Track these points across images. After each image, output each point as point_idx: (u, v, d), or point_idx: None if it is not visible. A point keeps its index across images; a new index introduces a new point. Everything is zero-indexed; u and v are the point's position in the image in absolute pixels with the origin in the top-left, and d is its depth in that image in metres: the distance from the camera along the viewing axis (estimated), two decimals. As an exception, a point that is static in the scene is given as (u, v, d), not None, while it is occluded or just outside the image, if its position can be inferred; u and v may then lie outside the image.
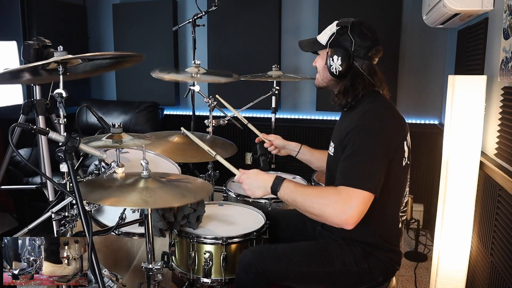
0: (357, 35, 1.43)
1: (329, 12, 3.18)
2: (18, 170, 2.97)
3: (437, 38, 3.08)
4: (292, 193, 1.36)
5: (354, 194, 1.25)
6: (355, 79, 1.45)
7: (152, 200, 1.31)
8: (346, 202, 1.24)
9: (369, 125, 1.35)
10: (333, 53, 1.45)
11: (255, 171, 1.48)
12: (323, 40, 1.50)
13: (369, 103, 1.44)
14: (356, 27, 1.44)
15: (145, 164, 1.41)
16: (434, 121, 3.19)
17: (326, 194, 1.31)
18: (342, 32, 1.45)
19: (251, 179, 1.45)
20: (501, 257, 1.64)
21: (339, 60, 1.43)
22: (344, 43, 1.44)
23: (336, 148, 1.47)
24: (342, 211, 1.24)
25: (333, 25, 1.49)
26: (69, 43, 2.51)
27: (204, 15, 2.89)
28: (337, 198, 1.26)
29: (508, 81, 1.68)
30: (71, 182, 1.20)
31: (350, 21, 1.46)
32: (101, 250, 1.86)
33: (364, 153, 1.31)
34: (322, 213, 1.29)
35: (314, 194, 1.34)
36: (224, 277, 1.56)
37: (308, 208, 1.33)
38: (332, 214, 1.27)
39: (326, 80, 1.53)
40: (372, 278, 1.46)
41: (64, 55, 1.44)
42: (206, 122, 2.36)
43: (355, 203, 1.24)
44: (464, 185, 1.84)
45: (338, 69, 1.44)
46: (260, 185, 1.43)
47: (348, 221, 1.24)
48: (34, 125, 1.30)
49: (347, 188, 1.26)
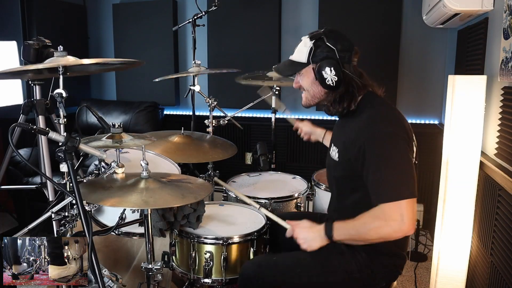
0: (335, 42, 1.41)
1: (329, 12, 3.18)
2: (18, 170, 2.97)
3: (437, 38, 3.08)
4: (346, 231, 1.38)
5: (398, 206, 1.27)
6: (349, 85, 1.43)
7: (152, 201, 1.31)
8: (395, 217, 1.27)
9: (382, 132, 1.34)
10: (322, 66, 1.40)
11: (305, 224, 1.49)
12: (303, 58, 1.45)
13: (371, 108, 1.42)
14: (330, 35, 1.42)
15: (145, 164, 1.41)
16: (434, 121, 3.19)
17: (374, 219, 1.31)
18: (319, 44, 1.42)
19: (305, 233, 1.47)
20: (501, 257, 1.64)
21: (332, 70, 1.40)
22: (327, 53, 1.41)
23: (342, 154, 1.45)
24: (396, 227, 1.27)
25: (306, 40, 1.46)
26: (69, 43, 2.51)
27: (204, 15, 2.88)
28: (386, 217, 1.28)
29: (508, 81, 1.68)
30: (71, 182, 1.20)
31: (321, 32, 1.44)
32: (101, 250, 1.86)
33: (389, 162, 1.31)
34: (380, 237, 1.32)
35: (364, 222, 1.34)
36: (225, 277, 1.56)
37: (367, 238, 1.35)
38: (389, 233, 1.30)
39: (318, 95, 1.49)
40: (374, 283, 1.45)
41: (64, 55, 1.44)
42: (206, 122, 2.36)
43: (403, 214, 1.26)
44: (464, 185, 1.84)
45: (333, 79, 1.40)
46: (315, 236, 1.44)
47: (406, 231, 1.28)
48: (34, 125, 1.30)
49: (389, 205, 1.27)
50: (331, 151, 1.54)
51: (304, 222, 1.50)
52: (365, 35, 3.07)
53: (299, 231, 1.48)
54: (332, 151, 1.52)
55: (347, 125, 1.48)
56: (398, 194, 1.27)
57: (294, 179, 2.28)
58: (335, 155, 1.49)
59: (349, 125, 1.45)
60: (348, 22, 3.13)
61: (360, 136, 1.36)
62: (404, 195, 1.27)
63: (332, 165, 1.54)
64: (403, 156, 1.33)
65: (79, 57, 1.49)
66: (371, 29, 3.09)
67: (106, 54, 3.97)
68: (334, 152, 1.50)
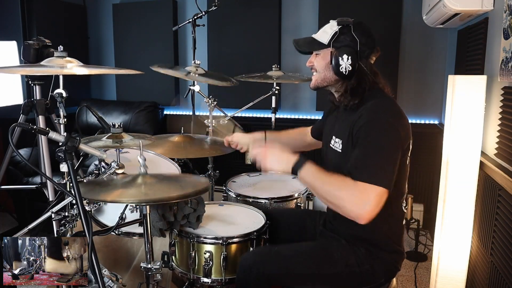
0: (361, 34, 1.42)
1: (329, 12, 3.17)
2: (18, 170, 2.97)
3: (437, 38, 3.08)
4: (312, 176, 1.35)
5: (371, 189, 1.25)
6: (362, 79, 1.43)
7: (152, 193, 1.30)
8: (363, 197, 1.24)
9: (383, 120, 1.34)
10: (341, 52, 1.40)
11: (280, 146, 1.45)
12: (325, 39, 1.45)
13: (377, 98, 1.42)
14: (358, 27, 1.43)
15: (142, 160, 1.40)
16: (434, 121, 3.19)
17: (345, 187, 1.28)
18: (345, 31, 1.42)
19: (275, 153, 1.43)
20: (501, 257, 1.64)
21: (349, 59, 1.39)
22: (349, 42, 1.41)
23: (345, 144, 1.44)
24: (359, 206, 1.25)
25: (333, 24, 1.45)
26: (69, 43, 2.51)
27: (204, 15, 2.89)
28: (355, 193, 1.26)
29: (508, 81, 1.68)
30: (71, 182, 1.20)
31: (351, 21, 1.43)
32: (101, 250, 1.86)
33: (379, 149, 1.31)
34: (338, 205, 1.29)
35: (333, 183, 1.31)
36: (224, 277, 1.56)
37: (325, 196, 1.32)
38: (348, 208, 1.27)
39: (328, 80, 1.48)
40: (374, 279, 1.46)
41: (64, 55, 1.44)
42: (206, 122, 2.36)
43: (372, 199, 1.24)
44: (464, 185, 1.84)
45: (348, 68, 1.40)
46: (283, 160, 1.41)
47: (364, 216, 1.25)
48: (34, 125, 1.30)
49: (364, 184, 1.25)
50: (332, 144, 1.52)
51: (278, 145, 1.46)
52: (365, 35, 3.07)
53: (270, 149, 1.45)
54: (335, 143, 1.50)
55: (350, 115, 1.46)
56: (378, 180, 1.25)
57: (294, 179, 2.28)
58: (338, 146, 1.47)
59: (352, 116, 1.43)
60: (348, 22, 3.13)
61: (360, 122, 1.36)
62: (381, 182, 1.25)
63: (333, 157, 1.51)
64: (393, 148, 1.32)
65: (79, 57, 1.49)
66: (371, 29, 3.08)
67: (106, 54, 3.97)
68: (337, 144, 1.48)
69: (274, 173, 2.41)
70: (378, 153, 1.30)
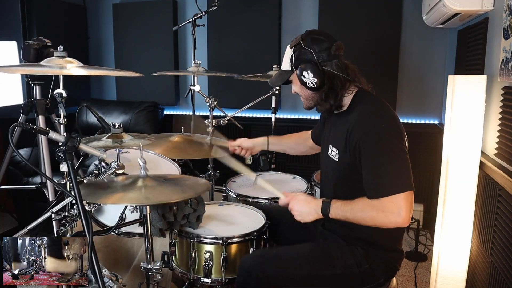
0: (312, 43, 1.45)
1: (329, 12, 3.18)
2: (18, 170, 2.97)
3: (437, 38, 3.08)
4: (342, 212, 1.40)
5: (396, 200, 1.29)
6: (332, 82, 1.46)
7: (153, 196, 1.31)
8: (393, 209, 1.29)
9: (377, 128, 1.36)
10: (301, 70, 1.45)
11: (302, 197, 1.51)
12: (288, 66, 1.51)
13: (363, 104, 1.45)
14: (306, 38, 1.46)
15: (143, 163, 1.41)
16: (434, 121, 3.19)
17: (372, 208, 1.33)
18: (298, 49, 1.47)
19: (301, 206, 1.48)
20: (501, 257, 1.64)
21: (309, 73, 1.44)
22: (305, 57, 1.45)
23: (342, 153, 1.46)
24: (393, 218, 1.30)
25: (288, 49, 1.51)
26: (69, 43, 2.51)
27: (204, 15, 2.88)
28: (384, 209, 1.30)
29: (508, 81, 1.68)
30: (71, 182, 1.20)
31: (299, 37, 1.48)
32: (101, 250, 1.86)
33: (385, 158, 1.34)
34: (375, 224, 1.35)
35: (362, 209, 1.36)
36: (225, 277, 1.56)
37: (362, 222, 1.37)
38: (384, 223, 1.32)
39: (311, 98, 1.53)
40: (373, 278, 1.46)
41: (64, 55, 1.44)
42: (206, 122, 2.36)
43: (401, 207, 1.29)
44: (464, 185, 1.84)
45: (313, 81, 1.44)
46: (311, 211, 1.46)
47: (402, 222, 1.30)
48: (34, 125, 1.30)
49: (387, 198, 1.30)
50: (330, 152, 1.54)
51: (301, 195, 1.52)
52: (365, 35, 3.07)
53: (295, 202, 1.50)
54: (332, 152, 1.52)
55: (341, 124, 1.49)
56: (395, 188, 1.29)
57: (294, 179, 2.28)
58: (335, 156, 1.50)
59: (344, 124, 1.46)
60: (348, 22, 3.13)
61: (355, 133, 1.38)
62: (402, 188, 1.29)
63: (332, 166, 1.53)
64: (398, 150, 1.35)
65: (79, 57, 1.49)
66: (371, 29, 3.09)
67: (106, 54, 3.97)
68: (334, 153, 1.51)
69: (274, 173, 2.41)
70: (387, 161, 1.33)
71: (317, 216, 1.45)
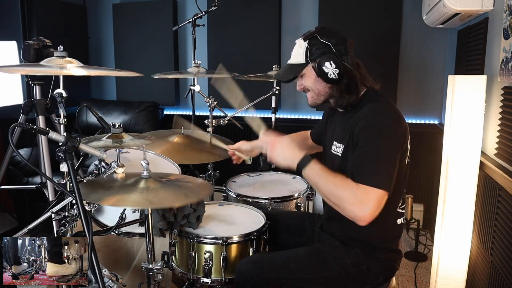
0: (329, 37, 1.42)
1: (329, 12, 3.18)
2: (18, 170, 2.97)
3: (437, 38, 3.08)
4: (316, 175, 1.36)
5: (372, 192, 1.26)
6: (351, 76, 1.44)
7: (157, 200, 1.31)
8: (364, 200, 1.26)
9: (382, 124, 1.36)
10: (321, 61, 1.41)
11: (289, 140, 1.45)
12: (301, 59, 1.46)
13: (373, 101, 1.43)
14: (323, 32, 1.43)
15: (146, 164, 1.41)
16: (434, 121, 3.19)
17: (347, 188, 1.30)
18: (314, 42, 1.43)
19: (283, 148, 1.43)
20: (501, 257, 1.64)
21: (332, 64, 1.40)
22: (324, 49, 1.42)
23: (346, 148, 1.45)
24: (359, 208, 1.26)
25: (300, 42, 1.46)
26: (69, 43, 2.51)
27: (204, 15, 2.88)
28: (356, 195, 1.27)
29: (508, 81, 1.68)
30: (71, 182, 1.20)
31: (314, 31, 1.45)
32: (101, 250, 1.86)
33: (379, 152, 1.33)
34: (339, 205, 1.31)
35: (336, 184, 1.33)
36: (224, 277, 1.56)
37: (328, 195, 1.34)
38: (349, 209, 1.29)
39: (324, 92, 1.49)
40: (372, 279, 1.46)
41: (64, 55, 1.44)
42: (206, 122, 2.36)
43: (372, 202, 1.26)
44: (464, 185, 1.84)
45: (335, 72, 1.41)
46: (290, 157, 1.41)
47: (363, 218, 1.26)
48: (34, 125, 1.30)
49: (365, 187, 1.27)
50: (334, 149, 1.52)
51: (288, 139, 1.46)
52: (365, 35, 3.07)
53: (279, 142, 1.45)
54: (336, 148, 1.51)
55: (348, 120, 1.47)
56: (376, 182, 1.27)
57: (294, 179, 2.28)
58: (340, 151, 1.48)
59: (350, 120, 1.44)
60: (348, 22, 3.13)
61: (359, 125, 1.37)
62: (383, 186, 1.27)
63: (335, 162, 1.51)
64: (393, 152, 1.34)
65: (79, 57, 1.49)
66: (371, 29, 3.09)
67: (106, 54, 3.97)
68: (338, 149, 1.49)
69: (274, 173, 2.41)
70: (378, 156, 1.32)
71: (291, 165, 1.40)
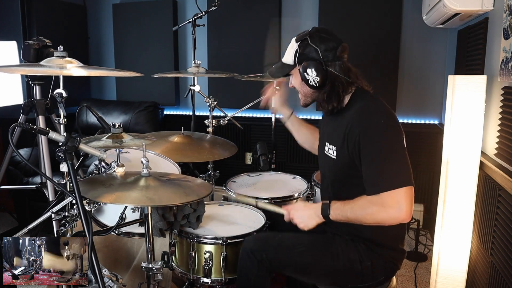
0: (319, 42, 1.43)
1: (329, 12, 3.18)
2: (18, 170, 2.97)
3: (437, 38, 3.08)
4: (342, 212, 1.39)
5: (396, 195, 1.29)
6: (334, 83, 1.45)
7: (157, 198, 1.31)
8: (393, 205, 1.29)
9: (376, 124, 1.37)
10: (305, 67, 1.44)
11: (300, 205, 1.51)
12: (290, 60, 1.50)
13: (363, 100, 1.45)
14: (314, 36, 1.45)
15: (146, 162, 1.41)
16: (434, 121, 3.19)
17: (372, 204, 1.33)
18: (304, 45, 1.45)
19: (301, 213, 1.48)
20: (501, 257, 1.64)
21: (313, 71, 1.43)
22: (311, 54, 1.44)
23: (339, 150, 1.46)
24: (394, 213, 1.30)
25: (293, 42, 1.49)
26: (69, 43, 2.51)
27: (204, 15, 2.88)
28: (383, 204, 1.30)
29: (508, 81, 1.68)
30: (71, 182, 1.20)
31: (307, 33, 1.46)
32: (101, 250, 1.86)
33: (386, 153, 1.34)
34: (377, 221, 1.34)
35: (362, 207, 1.35)
36: (224, 277, 1.56)
37: (363, 220, 1.37)
38: (386, 219, 1.32)
39: (309, 95, 1.52)
40: (373, 276, 1.46)
41: (64, 55, 1.44)
42: (206, 122, 2.36)
43: (401, 201, 1.29)
44: (464, 185, 1.84)
45: (315, 80, 1.44)
46: (312, 215, 1.46)
47: (403, 218, 1.30)
48: (34, 125, 1.30)
49: (388, 193, 1.30)
50: (327, 150, 1.54)
51: (299, 203, 1.54)
52: (365, 35, 3.06)
53: (294, 212, 1.50)
54: (329, 150, 1.52)
55: (339, 121, 1.49)
56: (396, 183, 1.30)
57: (294, 179, 2.28)
58: (333, 153, 1.50)
59: (342, 121, 1.46)
60: (348, 22, 3.13)
61: (354, 129, 1.38)
62: (401, 183, 1.30)
63: (329, 164, 1.54)
64: (398, 146, 1.35)
65: (79, 57, 1.49)
66: (371, 29, 3.09)
67: (106, 54, 3.97)
68: (331, 151, 1.51)
69: (274, 173, 2.41)
70: (387, 157, 1.34)
71: (319, 220, 1.44)
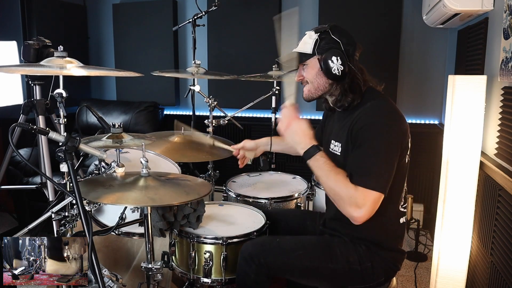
0: (340, 35, 1.43)
1: (329, 12, 3.18)
2: (18, 170, 2.97)
3: (437, 38, 3.08)
4: (319, 168, 1.39)
5: (369, 195, 1.30)
6: (354, 77, 1.45)
7: (158, 198, 1.31)
8: (360, 202, 1.30)
9: (381, 123, 1.37)
10: (328, 55, 1.41)
11: (305, 126, 1.45)
12: (308, 49, 1.46)
13: (372, 100, 1.44)
14: (335, 29, 1.45)
15: (145, 162, 1.41)
16: (434, 121, 3.19)
17: (345, 188, 1.33)
18: (325, 36, 1.44)
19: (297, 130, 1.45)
20: (501, 257, 1.64)
21: (339, 60, 1.41)
22: (333, 45, 1.43)
23: (344, 147, 1.46)
24: (355, 209, 1.31)
25: (311, 33, 1.47)
26: (69, 43, 2.51)
27: (204, 15, 2.88)
28: (354, 196, 1.31)
29: (508, 81, 1.68)
30: (71, 182, 1.20)
31: (327, 26, 1.46)
32: (101, 250, 1.86)
33: (377, 153, 1.34)
34: (336, 202, 1.36)
35: (337, 181, 1.35)
36: (224, 277, 1.56)
37: (327, 189, 1.39)
38: (346, 208, 1.33)
39: (322, 87, 1.49)
40: (374, 277, 1.46)
41: (64, 55, 1.44)
42: (206, 122, 2.37)
43: (368, 204, 1.30)
44: (464, 185, 1.84)
45: (340, 69, 1.41)
46: (298, 141, 1.44)
47: (358, 219, 1.31)
48: (34, 125, 1.30)
49: (363, 189, 1.30)
50: (332, 148, 1.53)
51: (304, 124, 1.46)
52: (365, 35, 3.07)
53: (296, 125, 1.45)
54: (334, 147, 1.51)
55: (346, 118, 1.47)
56: (375, 185, 1.30)
57: (294, 179, 2.28)
58: (338, 150, 1.49)
59: (349, 117, 1.45)
60: (348, 22, 3.12)
61: (358, 123, 1.38)
62: (379, 188, 1.31)
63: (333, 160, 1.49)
64: (391, 153, 1.36)
65: (79, 57, 1.49)
66: (371, 29, 3.09)
67: (106, 54, 3.97)
68: (336, 147, 1.50)
69: (274, 173, 2.41)
70: (376, 157, 1.34)
71: (298, 150, 1.44)
